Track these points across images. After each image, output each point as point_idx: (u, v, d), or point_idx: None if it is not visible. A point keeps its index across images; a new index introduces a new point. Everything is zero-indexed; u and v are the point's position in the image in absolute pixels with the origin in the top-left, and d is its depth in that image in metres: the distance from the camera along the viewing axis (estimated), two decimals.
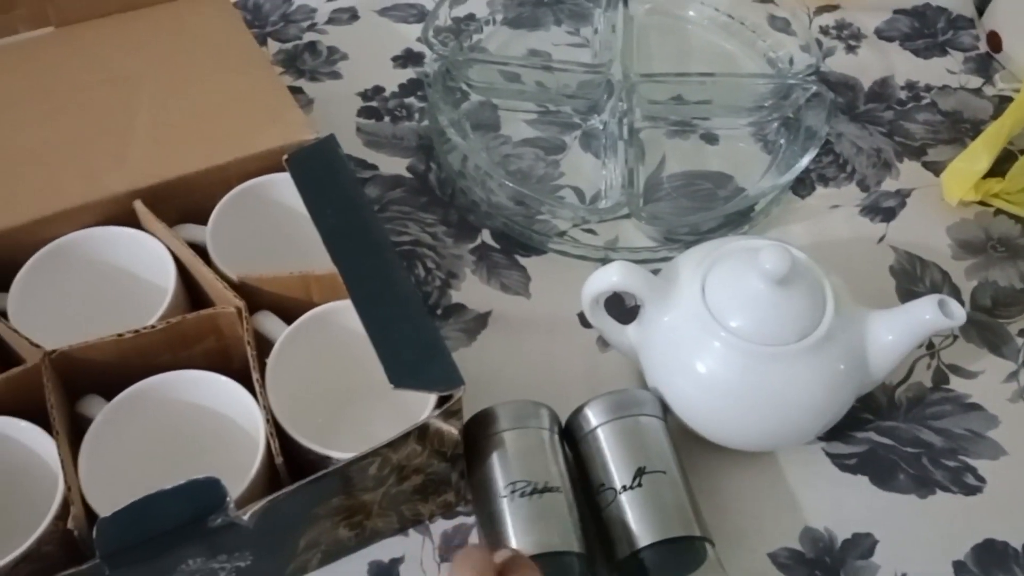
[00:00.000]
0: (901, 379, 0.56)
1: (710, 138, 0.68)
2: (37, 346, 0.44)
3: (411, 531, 0.50)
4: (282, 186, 0.53)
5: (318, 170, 0.52)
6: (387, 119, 0.70)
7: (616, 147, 0.64)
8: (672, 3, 0.76)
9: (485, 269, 0.61)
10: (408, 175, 0.66)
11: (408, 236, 0.63)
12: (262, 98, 0.57)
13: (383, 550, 0.50)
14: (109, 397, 0.46)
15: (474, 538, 0.50)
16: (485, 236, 0.63)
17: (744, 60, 0.73)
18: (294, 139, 0.54)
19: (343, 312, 0.48)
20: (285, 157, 0.52)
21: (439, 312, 0.59)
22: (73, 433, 0.44)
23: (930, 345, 0.57)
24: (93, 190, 0.51)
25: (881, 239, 0.63)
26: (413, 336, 0.44)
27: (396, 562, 0.49)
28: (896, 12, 0.78)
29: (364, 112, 0.70)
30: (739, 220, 0.63)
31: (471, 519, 0.51)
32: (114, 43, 0.60)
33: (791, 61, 0.71)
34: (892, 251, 0.62)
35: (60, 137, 0.54)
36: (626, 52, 0.68)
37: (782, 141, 0.67)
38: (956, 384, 0.56)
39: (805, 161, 0.61)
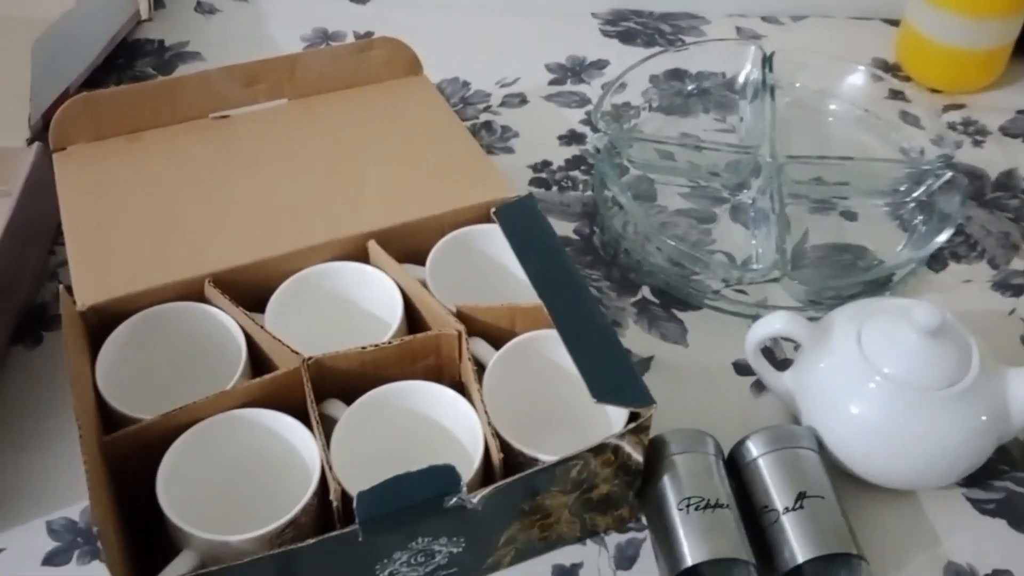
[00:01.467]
0: None
1: (849, 215, 0.75)
2: (297, 353, 0.54)
3: (588, 541, 0.57)
4: (487, 235, 0.62)
5: (521, 221, 0.61)
6: (554, 188, 0.79)
7: (766, 219, 0.72)
8: (812, 97, 0.84)
9: (646, 320, 0.69)
10: (575, 237, 0.75)
11: None
12: (467, 163, 0.67)
13: (565, 555, 0.56)
14: (346, 402, 0.54)
15: (646, 550, 0.56)
16: (645, 292, 0.71)
17: (879, 150, 0.80)
18: (497, 196, 0.63)
19: (543, 340, 0.56)
20: (494, 210, 0.61)
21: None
22: (322, 425, 0.52)
23: None
24: (333, 231, 0.61)
25: (1012, 312, 0.69)
26: (609, 360, 0.52)
27: (576, 567, 0.56)
28: (1019, 112, 0.85)
29: (534, 182, 0.79)
30: (877, 289, 0.69)
31: (642, 534, 0.57)
32: (339, 115, 0.72)
33: (922, 152, 0.78)
34: (1022, 323, 0.68)
35: (304, 190, 0.65)
36: (771, 139, 0.77)
37: (918, 220, 0.74)
38: None
39: (943, 238, 0.67)
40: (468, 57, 0.92)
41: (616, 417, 0.53)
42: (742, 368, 0.65)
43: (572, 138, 0.83)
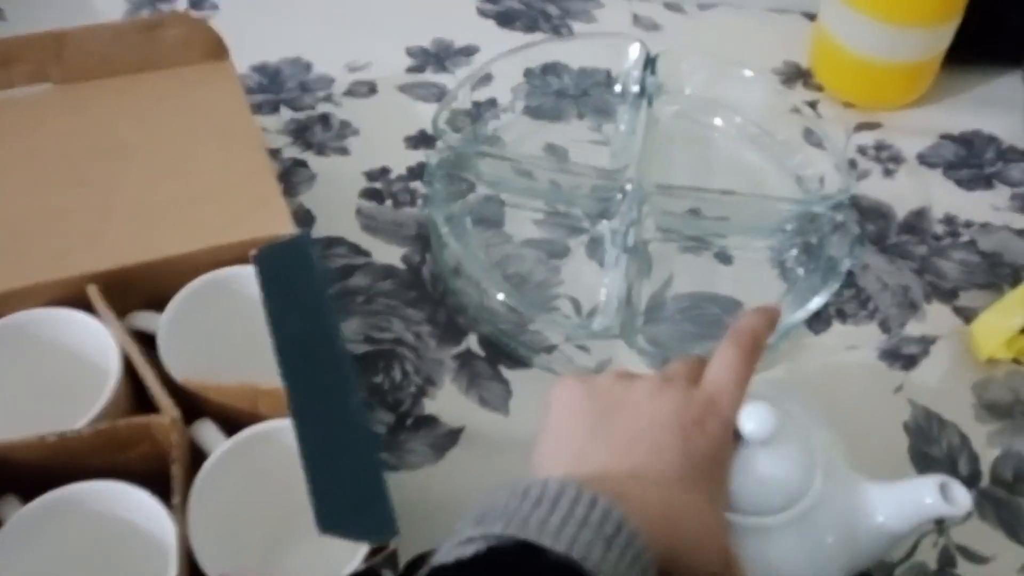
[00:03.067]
0: (903, 557, 0.51)
1: (724, 258, 0.64)
2: None
3: None
4: (250, 279, 0.50)
5: (286, 269, 0.49)
6: (389, 203, 0.67)
7: (619, 260, 0.60)
8: (701, 109, 0.72)
9: (465, 379, 0.57)
10: (401, 266, 0.63)
11: (390, 334, 0.59)
12: (249, 183, 0.55)
13: None
14: (31, 498, 0.43)
15: None
16: (471, 342, 0.59)
17: (771, 176, 0.69)
18: (270, 232, 0.51)
19: (288, 432, 0.44)
20: (253, 252, 0.49)
21: (409, 422, 0.55)
22: None
23: (940, 520, 0.52)
24: (55, 269, 0.48)
25: (898, 389, 0.58)
26: (349, 474, 0.41)
27: None
28: (942, 137, 0.73)
29: (367, 193, 0.67)
30: None
31: None
32: (108, 109, 0.59)
33: (822, 180, 0.66)
34: (909, 405, 0.57)
35: (38, 207, 0.52)
36: (644, 157, 0.65)
37: (800, 270, 0.62)
38: (965, 569, 0.50)
39: (819, 301, 0.56)
40: (316, 33, 0.79)
41: None
42: None
43: (421, 140, 0.71)
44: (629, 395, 0.42)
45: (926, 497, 0.43)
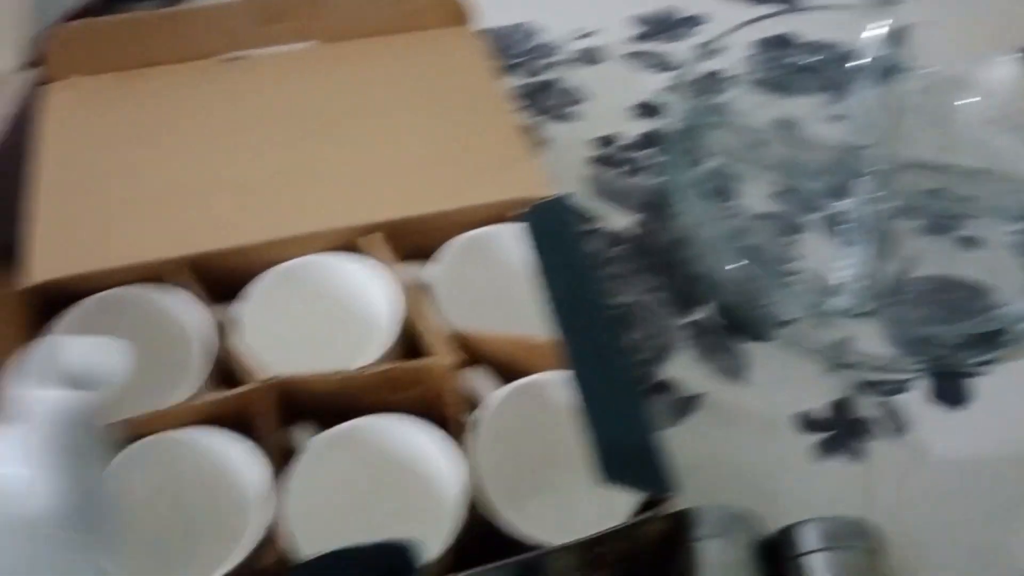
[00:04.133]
0: None
1: (969, 241, 0.62)
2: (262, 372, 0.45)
3: None
4: (509, 237, 0.52)
5: (552, 228, 0.50)
6: (618, 170, 0.67)
7: (862, 238, 0.59)
8: (946, 88, 0.69)
9: (702, 348, 0.58)
10: (634, 231, 0.63)
11: (623, 299, 0.60)
12: (501, 144, 0.56)
13: None
14: (321, 424, 0.46)
15: None
16: (706, 311, 0.59)
17: (1020, 160, 0.65)
18: (526, 193, 0.52)
19: (557, 383, 0.46)
20: (520, 211, 0.50)
21: (646, 388, 0.56)
22: (282, 457, 0.44)
23: None
24: (331, 218, 0.51)
25: None
26: (628, 428, 0.42)
27: None
28: None
29: (596, 160, 0.68)
30: (989, 342, 0.56)
31: None
32: (364, 69, 0.61)
33: None
34: None
35: (306, 160, 0.55)
36: (888, 134, 0.63)
37: None
38: None
39: None
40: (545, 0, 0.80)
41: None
42: (809, 422, 0.54)
43: (647, 109, 0.71)
44: None
45: None
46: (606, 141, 0.69)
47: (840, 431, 0.54)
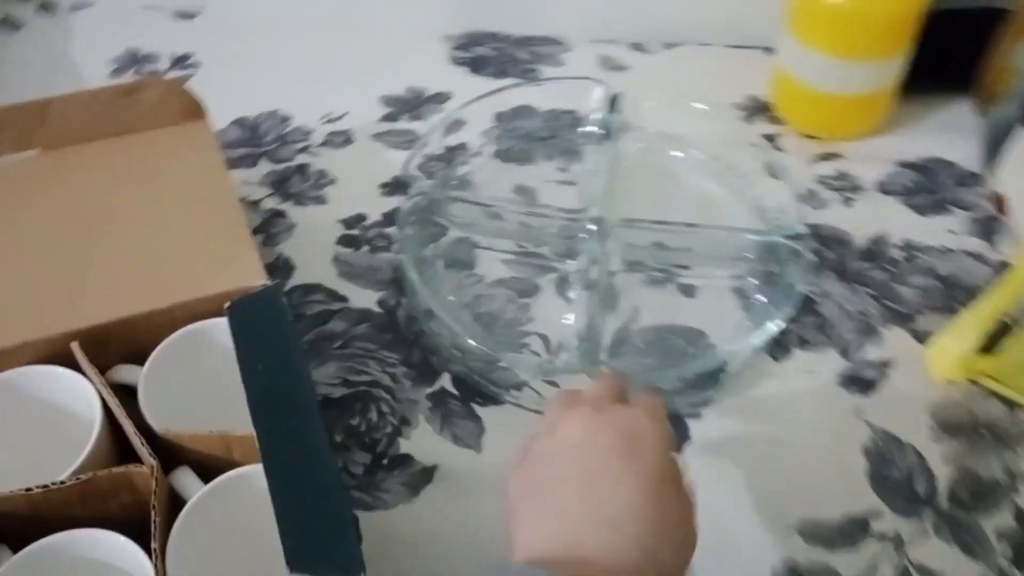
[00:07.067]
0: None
1: (687, 289, 0.66)
2: None
3: None
4: (226, 331, 0.52)
5: (258, 320, 0.51)
6: (365, 248, 0.69)
7: (583, 296, 0.62)
8: (663, 145, 0.74)
9: (439, 418, 0.59)
10: (377, 310, 0.65)
11: (367, 376, 0.61)
12: (223, 237, 0.57)
13: None
14: (19, 548, 0.45)
15: None
16: (445, 381, 0.61)
17: (733, 207, 0.71)
18: (243, 284, 0.53)
19: (262, 477, 0.46)
20: (227, 305, 0.51)
21: (385, 462, 0.57)
22: None
23: (898, 540, 0.54)
24: (39, 329, 0.51)
25: (857, 412, 0.60)
26: (322, 512, 0.43)
27: None
28: (900, 165, 0.76)
29: (344, 240, 0.70)
30: (707, 382, 0.60)
31: None
32: (93, 172, 0.62)
33: (781, 211, 0.69)
34: (868, 428, 0.59)
35: (22, 270, 0.55)
36: (609, 194, 0.67)
37: (761, 297, 0.65)
38: None
39: (776, 326, 0.58)
40: (295, 87, 0.82)
41: None
42: None
43: (396, 186, 0.74)
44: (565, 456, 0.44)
45: None
46: (354, 221, 0.71)
47: None
